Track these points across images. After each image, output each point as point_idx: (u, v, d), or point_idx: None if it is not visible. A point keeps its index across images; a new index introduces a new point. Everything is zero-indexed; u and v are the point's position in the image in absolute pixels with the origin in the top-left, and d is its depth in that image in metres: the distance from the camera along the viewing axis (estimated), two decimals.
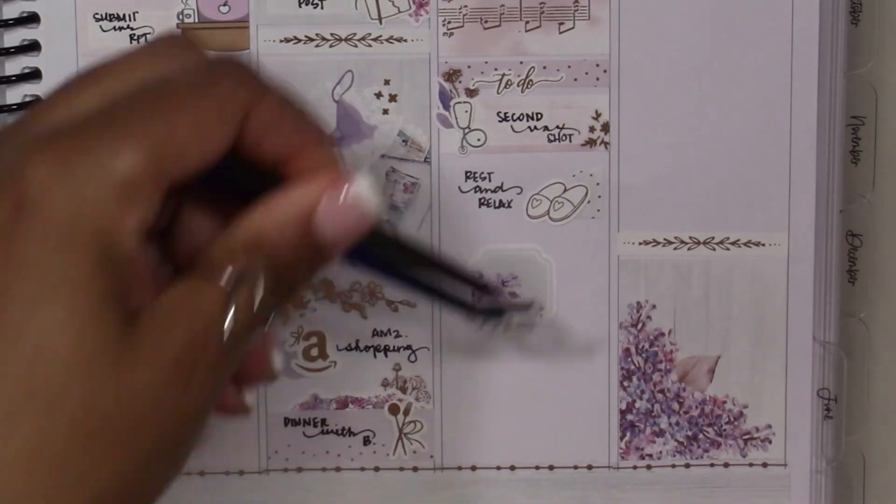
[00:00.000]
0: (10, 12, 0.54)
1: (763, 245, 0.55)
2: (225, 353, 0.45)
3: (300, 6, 0.54)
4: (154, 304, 0.44)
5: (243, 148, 0.45)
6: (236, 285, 0.45)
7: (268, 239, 0.45)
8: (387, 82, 0.54)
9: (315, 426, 0.56)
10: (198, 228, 0.48)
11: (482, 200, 0.55)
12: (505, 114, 0.55)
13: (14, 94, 0.54)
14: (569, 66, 0.54)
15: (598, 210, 0.55)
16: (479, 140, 0.55)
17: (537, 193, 0.55)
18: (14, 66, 0.54)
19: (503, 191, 0.55)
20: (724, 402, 0.56)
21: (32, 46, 0.54)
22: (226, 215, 0.47)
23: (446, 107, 0.54)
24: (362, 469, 0.56)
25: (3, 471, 0.42)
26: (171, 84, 0.45)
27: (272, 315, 0.46)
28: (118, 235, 0.43)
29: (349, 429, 0.56)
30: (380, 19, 0.54)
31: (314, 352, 0.56)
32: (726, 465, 0.57)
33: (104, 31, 0.54)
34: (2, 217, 0.43)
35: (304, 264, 0.46)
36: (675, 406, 0.56)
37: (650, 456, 0.56)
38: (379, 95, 0.54)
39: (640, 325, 0.56)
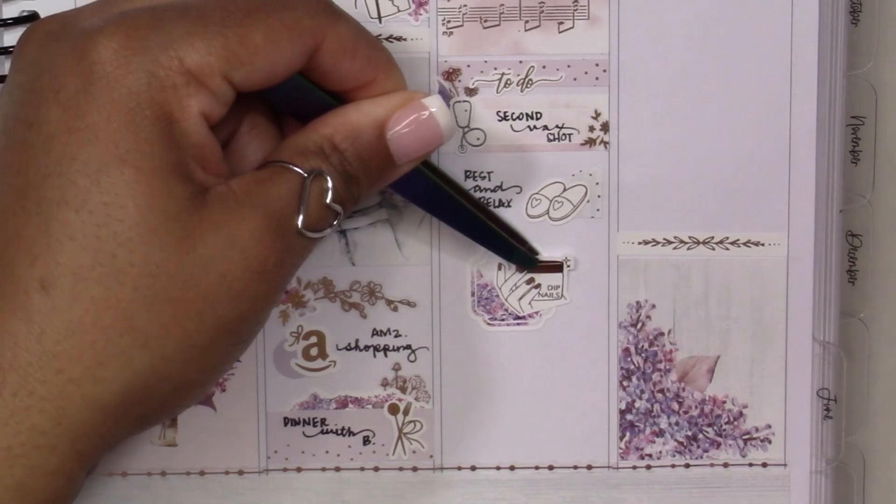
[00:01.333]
0: (10, 12, 0.54)
1: (763, 245, 0.55)
2: (296, 242, 0.46)
3: None
4: (227, 184, 0.45)
5: (315, 73, 0.48)
6: (310, 175, 0.47)
7: (340, 140, 0.48)
8: None
9: (315, 426, 0.56)
10: (253, 152, 0.50)
11: (482, 200, 0.55)
12: (504, 113, 0.54)
13: None
14: (568, 66, 0.54)
15: (598, 210, 0.55)
16: (478, 139, 0.55)
17: (537, 193, 0.55)
18: None
19: (502, 190, 0.55)
20: (724, 402, 0.56)
21: None
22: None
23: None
24: (362, 469, 0.56)
25: (66, 335, 0.43)
26: None
27: (343, 214, 0.47)
28: (183, 117, 0.44)
29: (349, 429, 0.56)
30: (379, 18, 0.54)
31: (314, 351, 0.56)
32: (726, 465, 0.57)
33: None
34: (72, 87, 0.44)
35: (372, 171, 0.48)
36: (675, 406, 0.56)
37: (650, 456, 0.56)
38: None
39: (639, 325, 0.56)
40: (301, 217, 0.46)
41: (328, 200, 0.47)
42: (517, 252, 0.55)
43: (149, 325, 0.44)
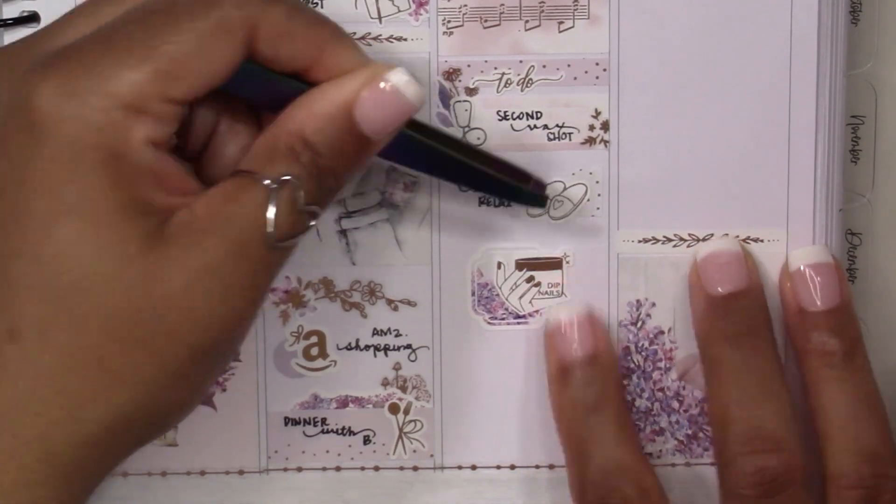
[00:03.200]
0: (10, 12, 0.54)
1: (762, 242, 0.55)
2: (267, 256, 0.45)
3: None
4: (188, 209, 0.45)
5: (258, 61, 0.46)
6: (278, 184, 0.45)
7: (310, 134, 0.46)
8: None
9: (315, 425, 0.56)
10: (233, 153, 0.49)
11: (482, 199, 0.55)
12: (505, 112, 0.54)
13: None
14: (568, 65, 0.54)
15: (598, 208, 0.55)
16: (478, 139, 0.55)
17: None
18: None
19: None
20: None
21: None
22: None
23: (446, 106, 0.54)
24: (362, 468, 0.56)
25: (40, 380, 0.44)
26: (170, 4, 0.45)
27: (318, 214, 0.47)
28: (129, 150, 0.44)
29: (349, 428, 0.56)
30: (379, 18, 0.54)
31: (314, 351, 0.56)
32: None
33: None
34: (15, 139, 0.44)
35: (348, 157, 0.47)
36: (675, 405, 0.56)
37: (650, 455, 0.56)
38: None
39: (639, 324, 0.56)
40: (271, 230, 0.45)
41: (299, 207, 0.46)
42: (524, 193, 0.53)
43: (121, 365, 0.44)
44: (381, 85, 0.47)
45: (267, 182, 0.45)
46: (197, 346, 0.45)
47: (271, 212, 0.45)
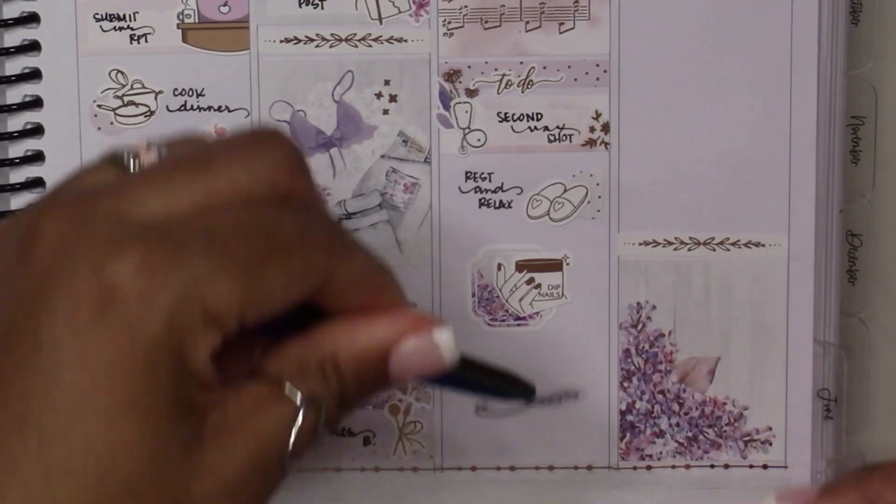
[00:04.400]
0: (10, 12, 0.54)
1: (763, 245, 0.55)
2: (278, 474, 0.45)
3: (300, 6, 0.54)
4: (221, 413, 0.44)
5: (320, 302, 0.45)
6: (306, 405, 0.45)
7: (342, 361, 0.45)
8: (387, 82, 0.54)
9: None
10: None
11: (482, 201, 0.55)
12: (505, 114, 0.55)
13: (14, 94, 0.54)
14: (569, 67, 0.54)
15: (599, 210, 0.55)
16: (479, 140, 0.55)
17: (537, 194, 0.55)
18: (14, 65, 0.54)
19: (503, 191, 0.55)
20: (725, 404, 0.56)
21: (32, 46, 0.54)
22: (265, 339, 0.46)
23: (446, 107, 0.54)
24: (362, 469, 0.56)
25: None
26: (270, 227, 0.44)
27: (328, 432, 0.46)
28: (195, 358, 0.42)
29: (349, 429, 0.56)
30: (380, 19, 0.54)
31: None
32: (726, 466, 0.57)
33: (104, 31, 0.54)
34: (87, 313, 0.42)
35: (365, 392, 0.46)
36: (676, 407, 0.56)
37: (650, 457, 0.56)
38: (379, 96, 0.54)
39: (640, 326, 0.56)
40: (291, 448, 0.44)
41: (318, 430, 0.45)
42: (515, 392, 0.51)
43: None
44: (426, 337, 0.46)
45: (297, 400, 0.44)
46: None
47: (294, 432, 0.44)
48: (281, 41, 0.54)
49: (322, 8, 0.54)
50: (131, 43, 0.54)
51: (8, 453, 0.41)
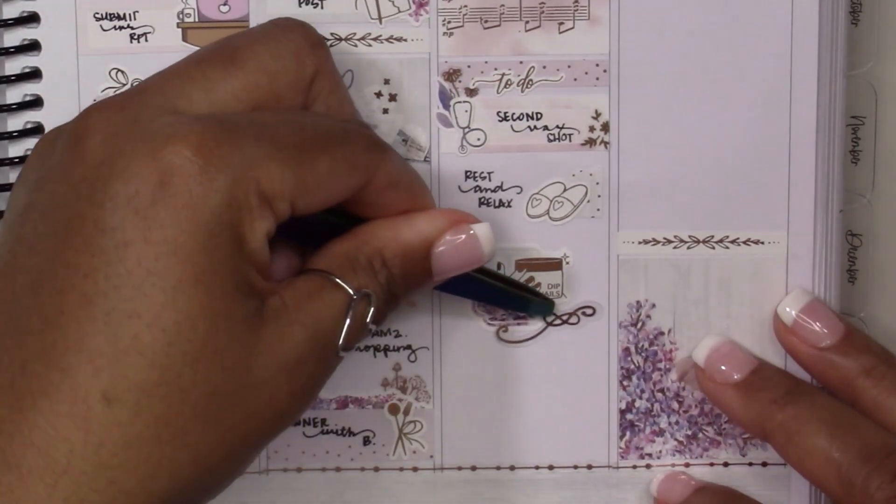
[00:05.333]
0: (10, 12, 0.54)
1: (762, 243, 0.55)
2: (333, 360, 0.48)
3: (300, 6, 0.54)
4: (279, 298, 0.46)
5: (356, 205, 0.49)
6: (358, 296, 0.48)
7: (389, 257, 0.49)
8: (387, 82, 0.54)
9: (315, 426, 0.56)
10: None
11: (482, 200, 0.55)
12: (505, 113, 0.55)
13: (14, 94, 0.54)
14: (569, 66, 0.54)
15: (598, 209, 0.55)
16: (478, 139, 0.55)
17: (537, 193, 0.55)
18: (14, 65, 0.54)
19: (503, 190, 0.55)
20: None
21: (32, 46, 0.54)
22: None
23: (446, 106, 0.54)
24: (362, 469, 0.56)
25: (124, 449, 0.43)
26: (314, 121, 0.47)
27: (375, 327, 0.48)
28: (252, 238, 0.45)
29: (349, 429, 0.56)
30: (380, 19, 0.54)
31: None
32: (726, 464, 0.57)
33: (104, 30, 0.54)
34: (148, 196, 0.43)
35: (410, 287, 0.50)
36: (675, 405, 0.56)
37: (650, 455, 0.56)
38: (379, 95, 0.54)
39: (639, 325, 0.56)
40: (342, 338, 0.47)
41: (368, 321, 0.48)
42: (533, 303, 0.55)
43: (200, 442, 0.44)
44: (466, 232, 0.51)
45: (349, 290, 0.47)
46: (267, 433, 0.46)
47: (347, 321, 0.47)
48: None
49: (322, 7, 0.54)
50: (131, 42, 0.54)
51: (76, 332, 0.43)
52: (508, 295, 0.55)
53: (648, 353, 0.56)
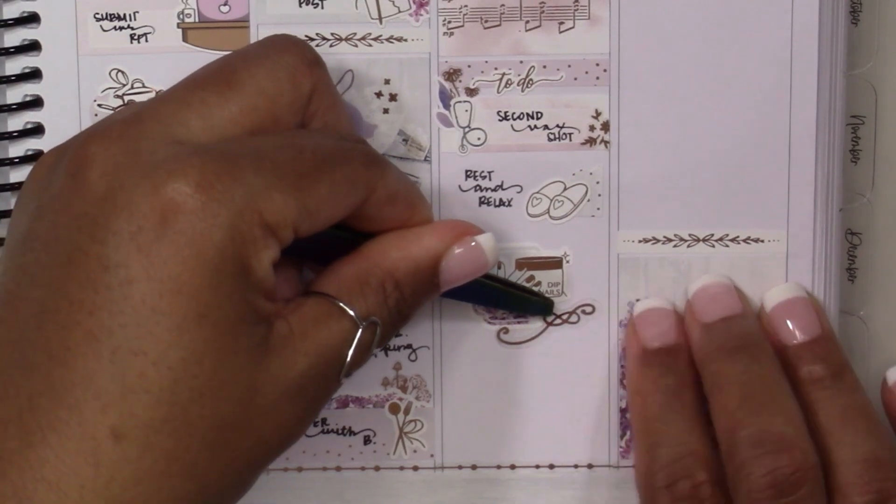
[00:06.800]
0: (10, 12, 0.54)
1: (762, 241, 0.55)
2: (334, 386, 0.48)
3: (300, 6, 0.54)
4: (286, 323, 0.46)
5: (356, 220, 0.49)
6: (366, 322, 0.48)
7: (401, 277, 0.49)
8: (387, 82, 0.54)
9: (315, 425, 0.56)
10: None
11: (482, 199, 0.55)
12: (505, 113, 0.55)
13: (14, 94, 0.54)
14: (569, 66, 0.54)
15: (598, 208, 0.55)
16: (479, 139, 0.55)
17: (537, 192, 0.55)
18: (14, 66, 0.54)
19: (503, 189, 0.55)
20: None
21: (32, 46, 0.54)
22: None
23: (446, 106, 0.54)
24: (363, 468, 0.56)
25: (134, 484, 0.43)
26: (311, 144, 0.47)
27: (379, 349, 0.50)
28: (259, 268, 0.45)
29: (349, 428, 0.56)
30: (380, 19, 0.54)
31: None
32: None
33: (104, 30, 0.54)
34: (151, 232, 0.43)
35: (419, 305, 0.51)
36: None
37: None
38: (379, 95, 0.54)
39: None
40: (349, 362, 0.48)
41: (374, 345, 0.48)
42: (532, 303, 0.55)
43: (209, 472, 0.44)
44: (471, 243, 0.51)
45: (355, 318, 0.48)
46: (272, 455, 0.46)
47: (352, 350, 0.48)
48: None
49: (322, 7, 0.54)
50: (131, 42, 0.54)
51: (83, 369, 0.43)
52: (508, 296, 0.55)
53: None
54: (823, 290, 0.55)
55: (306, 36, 0.54)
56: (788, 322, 0.54)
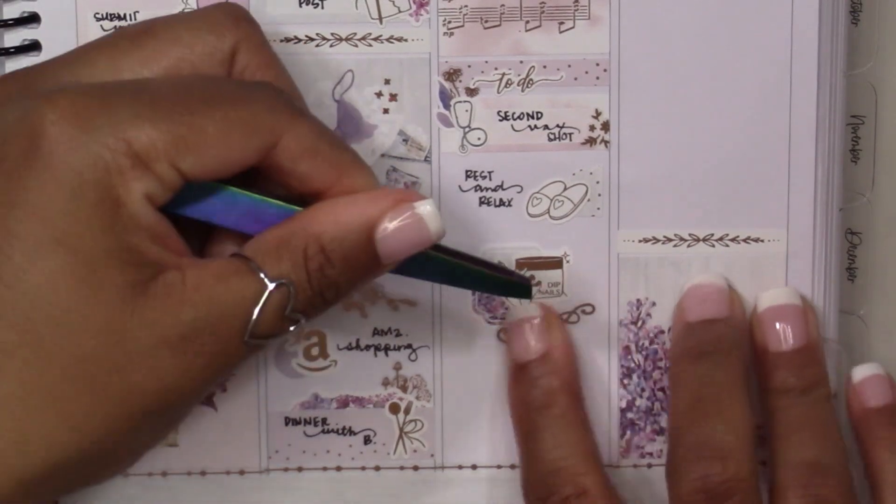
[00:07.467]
0: (11, 12, 0.54)
1: (762, 241, 0.55)
2: (237, 348, 0.46)
3: (300, 6, 0.54)
4: (179, 274, 0.45)
5: (274, 172, 0.47)
6: (276, 286, 0.46)
7: (327, 241, 0.46)
8: (387, 82, 0.54)
9: (316, 425, 0.56)
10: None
11: (482, 199, 0.55)
12: (505, 113, 0.55)
13: None
14: (569, 66, 0.54)
15: (598, 208, 0.55)
16: (479, 139, 0.55)
17: (537, 192, 0.55)
18: (14, 66, 0.54)
19: (503, 189, 0.55)
20: None
21: (32, 46, 0.54)
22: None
23: (446, 106, 0.54)
24: (363, 468, 0.56)
25: (0, 404, 0.43)
26: (208, 82, 0.46)
27: (302, 323, 0.47)
28: (129, 200, 0.44)
29: (350, 428, 0.56)
30: (380, 19, 0.54)
31: (314, 351, 0.56)
32: None
33: (105, 30, 0.54)
34: (15, 159, 0.44)
35: (355, 274, 0.47)
36: None
37: (650, 454, 0.57)
38: (379, 95, 0.54)
39: (640, 323, 0.56)
40: (251, 327, 0.45)
41: (287, 311, 0.46)
42: (508, 283, 0.52)
43: (75, 407, 0.44)
44: (409, 211, 0.47)
45: (264, 279, 0.45)
46: (152, 406, 0.45)
47: (257, 311, 0.45)
48: (281, 41, 0.54)
49: (322, 7, 0.54)
50: None
51: None
52: (477, 276, 0.51)
53: (649, 352, 0.56)
54: (823, 289, 0.56)
55: (306, 36, 0.54)
56: (774, 328, 0.54)
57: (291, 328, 0.47)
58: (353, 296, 0.55)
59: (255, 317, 0.45)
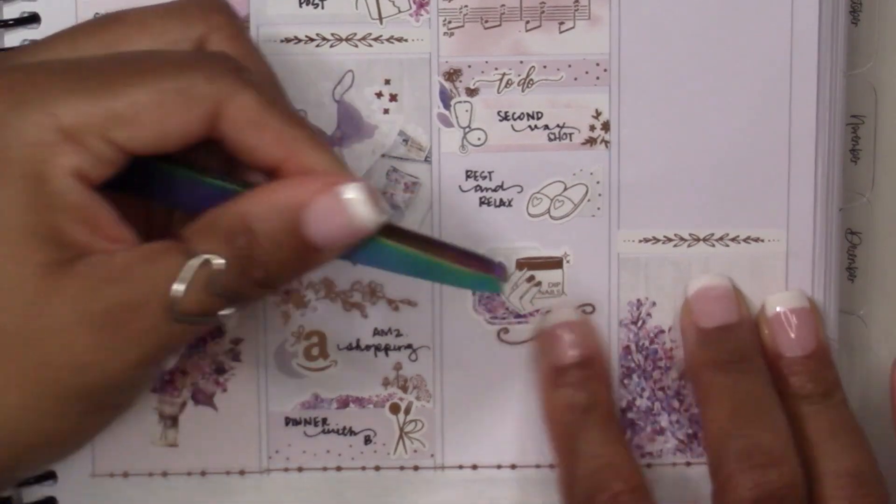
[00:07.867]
0: (11, 12, 0.54)
1: (762, 241, 0.55)
2: (166, 326, 0.45)
3: (300, 6, 0.54)
4: (107, 255, 0.44)
5: (222, 143, 0.46)
6: (197, 262, 0.45)
7: (252, 220, 0.45)
8: (387, 82, 0.54)
9: (316, 426, 0.56)
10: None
11: (483, 199, 0.55)
12: (505, 113, 0.55)
13: None
14: (569, 66, 0.54)
15: (599, 208, 0.55)
16: (479, 139, 0.55)
17: (538, 192, 0.55)
18: None
19: (503, 189, 0.55)
20: None
21: None
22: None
23: (447, 106, 0.54)
24: (363, 468, 0.56)
25: None
26: (142, 58, 0.46)
27: (236, 304, 0.46)
28: (55, 176, 0.43)
29: (350, 428, 0.56)
30: (380, 19, 0.54)
31: (315, 351, 0.56)
32: None
33: None
34: None
35: (286, 256, 0.46)
36: (676, 404, 0.56)
37: (651, 454, 0.56)
38: (379, 95, 0.54)
39: (640, 323, 0.56)
40: (176, 301, 0.44)
41: (215, 289, 0.45)
42: (479, 279, 0.49)
43: None
44: (334, 196, 0.45)
45: (185, 254, 0.45)
46: (70, 385, 0.44)
47: (179, 285, 0.44)
48: (281, 41, 0.54)
49: (322, 8, 0.54)
50: None
51: None
52: (436, 268, 0.48)
53: (649, 352, 0.56)
54: (823, 289, 0.56)
55: (307, 36, 0.54)
56: (787, 333, 0.54)
57: (225, 311, 0.46)
58: (352, 295, 0.55)
59: (179, 294, 0.44)
